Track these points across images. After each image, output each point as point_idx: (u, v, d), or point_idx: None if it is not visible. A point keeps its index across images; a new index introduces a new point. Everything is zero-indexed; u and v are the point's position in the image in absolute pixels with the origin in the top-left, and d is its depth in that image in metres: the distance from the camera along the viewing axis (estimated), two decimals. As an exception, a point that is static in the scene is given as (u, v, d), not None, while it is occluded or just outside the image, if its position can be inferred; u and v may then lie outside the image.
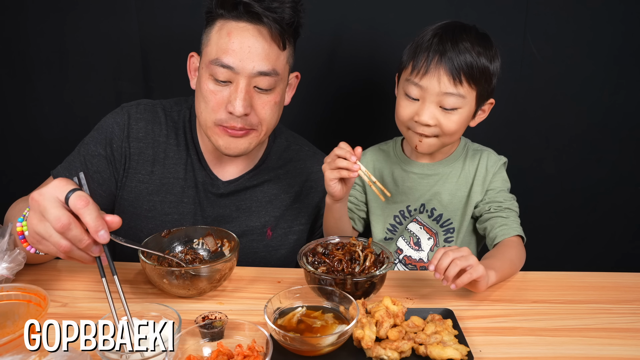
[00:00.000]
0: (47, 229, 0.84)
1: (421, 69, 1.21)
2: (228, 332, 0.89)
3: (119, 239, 1.07)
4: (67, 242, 0.85)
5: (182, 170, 1.32)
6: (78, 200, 0.83)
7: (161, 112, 1.34)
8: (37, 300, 0.88)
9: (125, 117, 1.31)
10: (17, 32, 1.76)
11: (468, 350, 0.88)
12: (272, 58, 1.17)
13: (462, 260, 0.99)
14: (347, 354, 0.90)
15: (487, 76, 1.23)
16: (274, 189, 1.37)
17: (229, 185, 1.34)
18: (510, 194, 1.34)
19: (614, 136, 1.84)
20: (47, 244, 0.86)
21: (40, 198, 0.85)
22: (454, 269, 0.99)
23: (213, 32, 1.18)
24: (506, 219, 1.27)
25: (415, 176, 1.38)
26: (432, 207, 1.37)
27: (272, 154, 1.39)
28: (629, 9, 1.70)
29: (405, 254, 1.42)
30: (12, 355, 0.74)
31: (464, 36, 1.21)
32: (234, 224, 1.34)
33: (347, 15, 1.73)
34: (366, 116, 1.85)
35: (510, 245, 1.21)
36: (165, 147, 1.32)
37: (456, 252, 1.00)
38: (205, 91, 1.19)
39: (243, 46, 1.14)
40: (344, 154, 1.11)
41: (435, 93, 1.20)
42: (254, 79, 1.17)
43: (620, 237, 1.97)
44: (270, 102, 1.21)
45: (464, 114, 1.24)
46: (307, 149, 1.44)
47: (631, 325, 1.00)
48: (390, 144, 1.45)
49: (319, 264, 1.09)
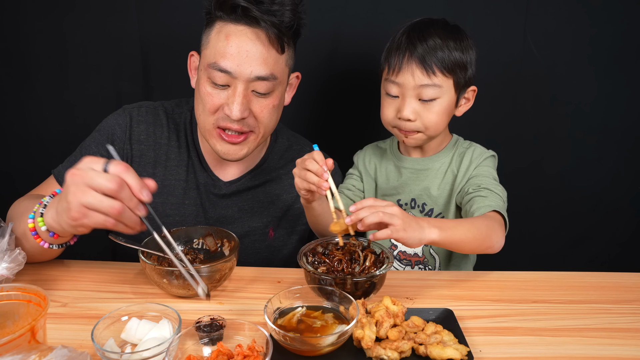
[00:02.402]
0: (95, 197, 0.86)
1: (395, 66, 1.26)
2: (228, 332, 0.89)
3: (119, 239, 1.07)
4: (119, 203, 0.86)
5: (183, 172, 1.32)
6: (118, 165, 0.88)
7: (163, 114, 1.35)
8: (37, 300, 0.88)
9: (127, 119, 1.31)
10: (17, 32, 1.76)
11: (468, 350, 0.88)
12: (271, 63, 1.17)
13: (386, 217, 0.96)
14: (347, 354, 0.89)
15: (461, 64, 1.26)
16: (275, 189, 1.37)
17: (230, 185, 1.34)
18: (497, 183, 1.31)
19: (614, 136, 1.84)
20: (95, 215, 0.87)
21: (81, 172, 0.87)
22: (372, 217, 0.96)
23: (212, 34, 1.18)
24: (485, 198, 1.23)
25: (407, 171, 1.40)
26: (422, 202, 1.39)
27: (273, 154, 1.39)
28: (628, 9, 1.70)
29: (399, 250, 1.42)
30: (12, 355, 0.74)
31: (431, 30, 1.27)
32: (236, 224, 1.34)
33: (346, 15, 1.73)
34: (365, 116, 1.85)
35: (480, 215, 1.18)
36: (166, 149, 1.32)
37: (381, 208, 0.98)
38: (203, 93, 1.19)
39: (241, 50, 1.14)
40: (316, 170, 1.07)
41: (412, 87, 1.25)
42: (252, 84, 1.17)
43: (620, 237, 1.97)
44: (269, 105, 1.21)
45: (444, 103, 1.27)
46: (308, 149, 1.43)
47: (631, 325, 1.00)
48: (387, 141, 1.49)
49: (319, 264, 1.09)
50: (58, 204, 0.95)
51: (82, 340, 0.91)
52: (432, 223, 1.04)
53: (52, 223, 0.97)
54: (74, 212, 0.88)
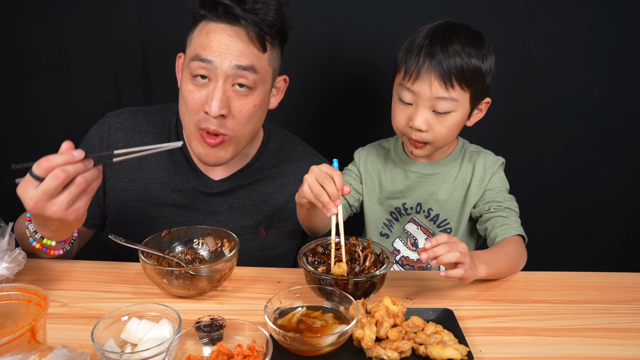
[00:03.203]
0: (41, 185, 0.94)
1: (412, 74, 1.20)
2: (228, 332, 0.89)
3: (119, 239, 1.07)
4: (58, 170, 0.93)
5: (164, 174, 1.33)
6: (40, 162, 0.94)
7: (143, 119, 1.35)
8: (37, 300, 0.88)
9: (105, 128, 1.33)
10: (17, 32, 1.76)
11: (468, 350, 0.88)
12: (251, 56, 1.17)
13: (461, 257, 0.98)
14: (347, 354, 0.89)
15: (480, 76, 1.22)
16: (267, 188, 1.37)
17: (222, 184, 1.34)
18: (509, 194, 1.34)
19: (614, 136, 1.85)
20: (56, 197, 0.94)
21: (20, 192, 0.95)
22: (449, 257, 0.97)
23: (195, 33, 1.19)
24: (506, 218, 1.26)
25: (413, 175, 1.38)
26: (428, 207, 1.37)
27: (266, 153, 1.39)
28: (629, 8, 1.70)
29: (402, 255, 1.42)
30: (12, 355, 0.74)
31: (453, 38, 1.20)
32: (227, 223, 1.34)
33: (346, 15, 1.73)
34: (364, 117, 1.85)
35: (509, 242, 1.21)
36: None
37: (455, 247, 0.99)
38: (184, 91, 1.20)
39: (221, 44, 1.15)
40: (332, 193, 1.02)
41: (427, 98, 1.20)
42: (232, 77, 1.16)
43: (620, 237, 1.97)
44: (249, 104, 1.19)
45: (458, 117, 1.23)
46: (301, 149, 1.43)
47: (631, 325, 1.00)
48: (391, 141, 1.45)
49: (319, 264, 1.09)
50: (36, 224, 1.03)
51: (82, 340, 0.91)
52: (481, 259, 1.07)
53: (51, 235, 1.05)
54: (50, 215, 0.94)
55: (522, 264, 1.20)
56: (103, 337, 0.87)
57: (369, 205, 1.43)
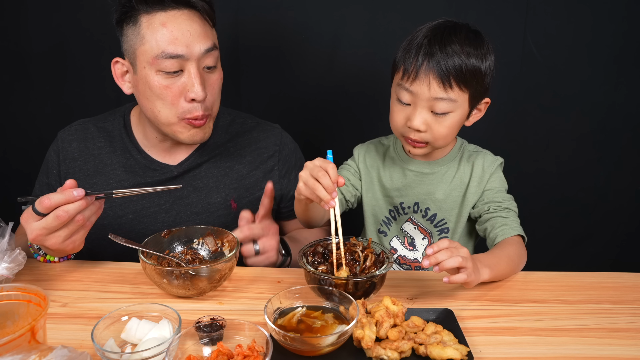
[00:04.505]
0: (42, 220, 1.02)
1: (411, 74, 1.19)
2: (228, 332, 0.89)
3: (119, 239, 1.08)
4: (60, 210, 1.01)
5: (122, 172, 1.36)
6: (40, 201, 1.01)
7: (93, 127, 1.41)
8: (37, 300, 0.88)
9: (58, 143, 1.40)
10: (17, 31, 1.76)
11: (468, 350, 0.88)
12: (211, 35, 1.22)
13: (463, 261, 0.99)
14: (347, 354, 0.89)
15: (479, 76, 1.21)
16: (226, 161, 1.41)
17: (181, 166, 1.37)
18: (508, 194, 1.34)
19: (614, 136, 1.85)
20: (56, 231, 1.04)
21: (24, 222, 1.05)
22: (451, 262, 0.98)
23: (142, 30, 1.18)
24: (506, 218, 1.26)
25: (412, 174, 1.38)
26: (426, 207, 1.37)
27: (217, 129, 1.42)
28: (629, 8, 1.70)
29: (399, 254, 1.42)
30: (12, 355, 0.74)
31: (452, 38, 1.19)
32: (196, 205, 1.37)
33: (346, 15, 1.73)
34: (364, 117, 1.85)
35: (509, 243, 1.21)
36: (100, 158, 1.38)
37: (457, 252, 1.00)
38: (157, 88, 1.20)
39: (184, 32, 1.17)
40: (327, 186, 1.02)
41: (426, 98, 1.19)
42: (201, 61, 1.20)
43: (620, 237, 1.97)
44: (217, 80, 1.26)
45: (456, 117, 1.22)
46: (250, 121, 1.48)
47: (631, 325, 1.00)
48: (391, 138, 1.45)
49: (319, 264, 1.09)
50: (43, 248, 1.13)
51: (82, 340, 0.91)
52: (483, 262, 1.08)
53: (52, 253, 1.16)
54: (50, 244, 1.03)
55: (523, 264, 1.20)
56: (103, 337, 0.87)
57: (369, 202, 1.43)
